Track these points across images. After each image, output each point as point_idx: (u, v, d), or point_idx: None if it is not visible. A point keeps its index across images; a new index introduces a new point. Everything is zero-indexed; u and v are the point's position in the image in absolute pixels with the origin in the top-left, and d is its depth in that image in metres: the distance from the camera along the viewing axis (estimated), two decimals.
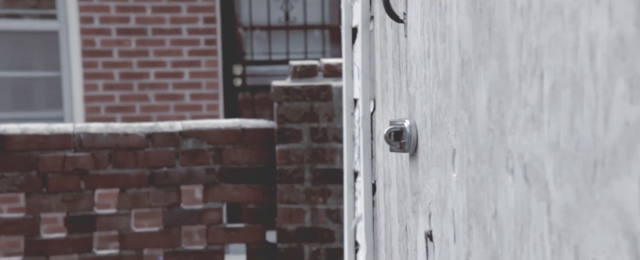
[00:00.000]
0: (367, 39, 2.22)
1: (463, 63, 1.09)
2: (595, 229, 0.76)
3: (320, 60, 4.06)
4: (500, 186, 0.98)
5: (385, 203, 1.96)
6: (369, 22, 2.24)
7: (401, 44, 1.51)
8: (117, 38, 7.28)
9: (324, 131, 3.93)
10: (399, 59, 1.57)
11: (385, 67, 1.87)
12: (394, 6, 1.47)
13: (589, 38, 0.76)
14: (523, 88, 0.91)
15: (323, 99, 3.91)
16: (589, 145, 0.76)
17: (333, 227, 3.95)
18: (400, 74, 1.55)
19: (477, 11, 1.05)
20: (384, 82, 1.88)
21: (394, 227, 1.79)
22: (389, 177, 1.85)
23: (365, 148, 2.23)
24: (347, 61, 2.67)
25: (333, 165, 3.92)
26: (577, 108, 0.78)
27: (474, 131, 1.05)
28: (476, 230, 1.05)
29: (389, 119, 1.72)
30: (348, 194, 2.66)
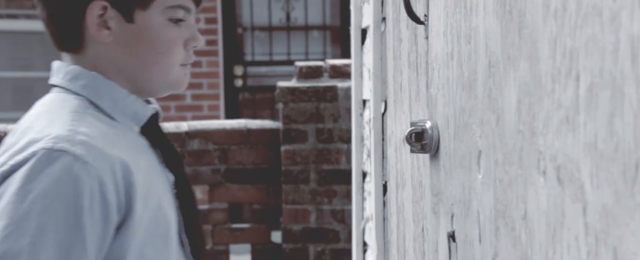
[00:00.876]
0: (379, 40, 2.22)
1: (490, 65, 1.09)
2: (636, 231, 0.75)
3: (325, 61, 4.06)
4: (530, 187, 0.97)
5: (397, 204, 1.96)
6: (381, 23, 2.23)
7: (419, 45, 1.51)
8: None
9: (330, 132, 3.93)
10: (416, 61, 1.56)
11: (399, 68, 1.86)
12: (413, 8, 1.47)
13: (631, 40, 0.76)
14: (556, 90, 0.91)
15: (329, 99, 3.92)
16: (630, 147, 0.76)
17: (338, 227, 3.95)
18: (418, 75, 1.55)
19: (506, 13, 1.04)
20: (398, 83, 1.88)
21: (407, 227, 1.79)
22: (402, 178, 1.85)
23: (376, 149, 2.23)
24: (356, 62, 2.67)
25: (338, 166, 3.92)
26: (617, 110, 0.78)
27: (502, 132, 1.05)
28: (504, 231, 1.05)
29: (405, 120, 1.72)
30: (356, 195, 2.66)
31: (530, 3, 0.97)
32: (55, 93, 1.29)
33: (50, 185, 1.13)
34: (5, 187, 1.15)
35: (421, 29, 1.49)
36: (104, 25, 1.25)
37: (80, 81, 1.26)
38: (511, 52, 1.02)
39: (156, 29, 1.26)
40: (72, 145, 1.15)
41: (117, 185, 1.17)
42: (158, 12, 1.26)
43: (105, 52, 1.26)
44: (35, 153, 1.15)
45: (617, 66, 0.78)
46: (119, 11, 1.25)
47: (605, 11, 0.81)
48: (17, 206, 1.13)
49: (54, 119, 1.20)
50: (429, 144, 1.30)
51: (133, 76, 1.28)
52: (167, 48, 1.26)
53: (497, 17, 1.07)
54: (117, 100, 1.26)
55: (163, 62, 1.27)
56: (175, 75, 1.29)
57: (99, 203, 1.15)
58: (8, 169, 1.16)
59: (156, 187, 1.25)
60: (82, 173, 1.14)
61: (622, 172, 0.77)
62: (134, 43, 1.26)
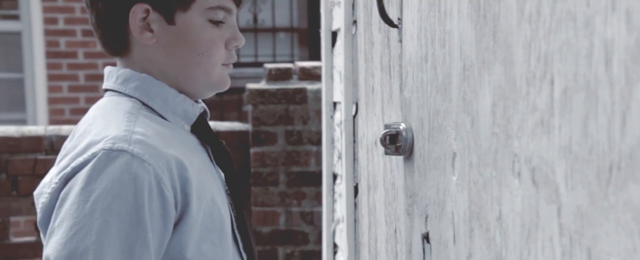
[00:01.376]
0: (350, 43, 2.23)
1: (465, 68, 1.11)
2: (610, 231, 0.77)
3: (295, 63, 4.06)
4: (505, 189, 0.99)
5: (369, 205, 1.97)
6: (352, 26, 2.25)
7: (392, 48, 1.53)
8: (82, 39, 7.21)
9: (299, 134, 3.94)
10: (389, 63, 1.58)
11: (371, 71, 1.88)
12: (387, 11, 1.48)
13: (604, 44, 0.78)
14: (531, 93, 0.92)
15: (298, 102, 3.92)
16: (604, 149, 0.78)
17: (307, 229, 3.96)
18: (391, 78, 1.56)
19: (480, 17, 1.06)
20: (370, 86, 1.89)
21: (379, 229, 1.80)
22: (374, 179, 1.86)
23: (347, 151, 2.24)
24: (327, 64, 2.68)
25: (308, 168, 3.93)
26: (591, 113, 0.80)
27: (477, 135, 1.07)
28: (479, 232, 1.07)
29: (377, 122, 1.73)
30: (327, 197, 2.67)
31: (505, 8, 0.99)
32: (109, 96, 1.32)
33: (112, 184, 1.16)
34: (68, 189, 1.18)
35: (394, 32, 1.50)
36: (146, 28, 1.28)
37: (131, 83, 1.30)
38: (486, 55, 1.04)
39: (197, 30, 1.28)
40: (130, 144, 1.18)
41: (174, 182, 1.20)
42: (198, 14, 1.28)
43: (150, 54, 1.30)
44: (95, 154, 1.18)
45: (591, 70, 0.80)
46: (161, 13, 1.28)
47: (579, 16, 0.83)
48: (81, 206, 1.16)
49: (110, 121, 1.24)
50: (404, 146, 1.31)
51: (176, 78, 1.31)
52: (208, 49, 1.29)
53: (471, 21, 1.09)
54: (167, 100, 1.29)
55: (204, 62, 1.29)
56: (217, 76, 1.32)
57: (158, 200, 1.18)
58: (69, 171, 1.19)
59: (209, 183, 1.27)
60: (140, 171, 1.17)
61: (597, 174, 0.79)
62: (175, 44, 1.29)
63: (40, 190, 1.24)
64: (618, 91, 0.75)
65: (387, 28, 1.58)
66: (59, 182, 1.20)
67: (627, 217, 0.74)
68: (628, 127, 0.74)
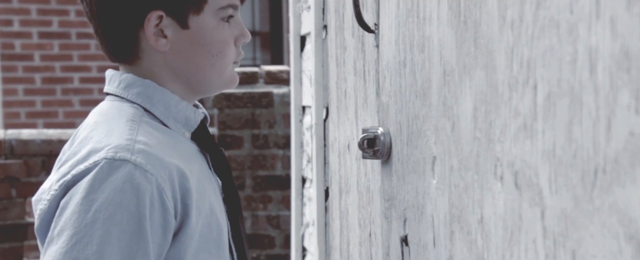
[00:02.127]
0: (320, 47, 2.24)
1: (445, 73, 1.12)
2: (595, 234, 0.79)
3: (261, 67, 4.07)
4: (487, 192, 1.00)
5: (341, 209, 1.98)
6: (322, 30, 2.26)
7: (368, 53, 1.54)
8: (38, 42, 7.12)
9: (266, 138, 3.94)
10: (363, 68, 1.59)
11: (343, 75, 1.89)
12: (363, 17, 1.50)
13: (589, 51, 0.80)
14: (514, 98, 0.94)
15: (264, 105, 3.93)
16: (589, 153, 0.80)
17: (274, 233, 3.96)
18: (365, 82, 1.57)
19: (461, 23, 1.07)
20: (342, 90, 1.91)
21: (352, 232, 1.81)
22: (346, 183, 1.87)
23: (318, 154, 2.25)
24: (296, 69, 2.68)
25: (274, 172, 3.93)
26: (576, 118, 0.82)
27: (458, 139, 1.08)
28: (459, 235, 1.08)
29: (350, 127, 1.74)
30: (296, 200, 2.67)
31: (486, 15, 1.01)
32: (110, 101, 1.31)
33: (113, 194, 1.15)
34: (69, 198, 1.17)
35: (370, 37, 1.51)
36: (160, 34, 1.27)
37: (134, 89, 1.29)
38: (467, 61, 1.06)
39: (211, 32, 1.28)
40: (133, 154, 1.18)
41: (175, 192, 1.20)
42: (211, 15, 1.28)
43: (162, 60, 1.29)
44: (97, 163, 1.17)
45: (575, 76, 0.82)
46: (174, 18, 1.27)
47: (562, 23, 0.85)
48: (82, 216, 1.15)
49: (112, 128, 1.22)
50: (381, 150, 1.33)
51: (188, 80, 1.30)
52: (221, 49, 1.29)
53: (451, 27, 1.10)
54: (169, 107, 1.29)
55: (218, 63, 1.30)
56: (229, 74, 1.33)
57: (159, 210, 1.17)
58: (70, 179, 1.18)
59: (208, 192, 1.27)
60: (142, 181, 1.16)
61: (581, 178, 0.81)
62: (189, 49, 1.28)
63: (38, 196, 1.23)
64: (603, 97, 0.77)
65: (362, 33, 1.60)
66: (59, 189, 1.18)
67: (613, 219, 0.76)
68: (613, 132, 0.75)
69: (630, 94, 0.72)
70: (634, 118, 0.72)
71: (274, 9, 7.60)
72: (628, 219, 0.73)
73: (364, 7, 1.47)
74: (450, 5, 1.10)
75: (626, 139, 0.73)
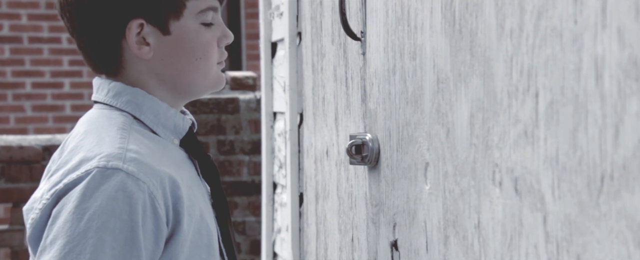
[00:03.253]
0: (295, 54, 2.24)
1: (439, 81, 1.13)
2: (602, 239, 0.80)
3: (226, 72, 4.05)
4: (485, 198, 1.01)
5: (317, 215, 1.98)
6: (296, 37, 2.26)
7: (351, 60, 1.54)
8: None
9: (231, 144, 3.92)
10: (346, 75, 1.59)
11: (320, 82, 1.89)
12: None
13: (594, 60, 0.81)
14: (513, 105, 0.95)
15: (230, 111, 3.91)
16: (595, 160, 0.81)
17: (239, 239, 3.94)
18: (348, 89, 1.57)
19: (455, 32, 1.08)
20: (319, 96, 1.91)
21: (331, 238, 1.81)
22: (324, 189, 1.87)
23: (292, 160, 2.24)
24: (267, 75, 2.68)
25: (240, 178, 3.91)
26: (581, 125, 0.83)
27: (453, 145, 1.09)
28: (454, 240, 1.09)
29: (329, 133, 1.74)
30: (267, 206, 2.66)
31: (483, 24, 1.02)
32: (100, 110, 1.30)
33: (106, 203, 1.14)
34: (61, 207, 1.16)
35: (353, 45, 1.52)
36: (143, 42, 1.26)
37: (123, 97, 1.28)
38: (462, 69, 1.06)
39: (192, 36, 1.27)
40: (124, 162, 1.17)
41: (167, 199, 1.19)
42: (191, 19, 1.27)
43: (146, 67, 1.28)
44: (89, 172, 1.16)
45: (580, 84, 0.83)
46: (155, 25, 1.26)
47: (565, 33, 0.86)
48: (75, 224, 1.14)
49: (103, 137, 1.21)
50: (370, 156, 1.33)
51: (175, 85, 1.29)
52: (204, 52, 1.28)
53: (445, 35, 1.11)
54: (158, 115, 1.28)
55: (202, 66, 1.29)
56: (214, 75, 1.32)
57: (151, 218, 1.17)
58: (62, 188, 1.17)
59: (198, 198, 1.27)
60: (135, 189, 1.15)
61: (587, 184, 0.82)
62: (173, 54, 1.27)
63: (30, 205, 1.22)
64: (610, 105, 0.78)
65: (344, 40, 1.60)
66: (50, 198, 1.17)
67: (621, 225, 0.77)
68: (621, 139, 0.77)
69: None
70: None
71: (232, 15, 7.57)
72: (637, 224, 0.74)
73: (348, 15, 1.47)
74: (444, 15, 1.11)
75: (635, 146, 0.74)
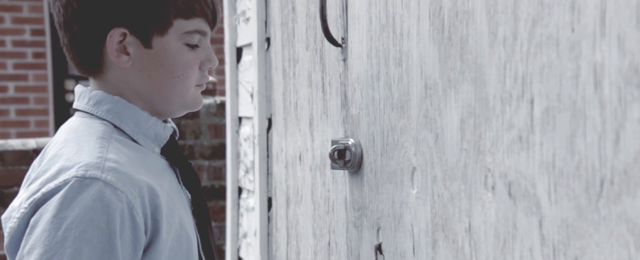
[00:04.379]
0: (264, 59, 2.23)
1: (427, 87, 1.13)
2: (601, 242, 0.81)
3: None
4: (476, 202, 1.02)
5: (288, 219, 1.97)
6: (264, 43, 2.25)
7: (329, 66, 1.54)
8: None
9: (191, 148, 3.88)
10: (322, 81, 1.59)
11: (292, 87, 1.88)
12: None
13: (593, 67, 0.82)
14: (507, 111, 0.96)
15: (190, 116, 3.87)
16: (594, 165, 0.82)
17: None
18: (325, 94, 1.57)
19: (444, 39, 1.09)
20: (291, 102, 1.90)
21: (304, 242, 1.81)
22: (297, 193, 1.86)
23: (261, 165, 2.23)
24: (232, 80, 2.66)
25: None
26: (579, 131, 0.84)
27: (442, 150, 1.10)
28: (444, 243, 1.09)
29: (302, 138, 1.74)
30: (232, 211, 2.65)
31: (474, 31, 1.02)
32: (80, 118, 1.29)
33: (84, 212, 1.14)
34: (39, 216, 1.15)
35: (331, 51, 1.52)
36: (123, 51, 1.25)
37: (104, 106, 1.27)
38: (452, 75, 1.07)
39: (173, 54, 1.26)
40: (103, 172, 1.16)
41: (145, 208, 1.18)
42: (175, 38, 1.26)
43: (125, 76, 1.27)
44: (67, 181, 1.16)
45: (578, 91, 0.84)
46: (138, 37, 1.25)
47: (562, 41, 0.87)
48: (53, 234, 1.13)
49: (82, 146, 1.21)
50: (352, 161, 1.33)
51: (151, 99, 1.28)
52: (183, 72, 1.27)
53: (433, 42, 1.12)
54: (139, 123, 1.27)
55: (179, 85, 1.27)
56: (191, 96, 1.31)
57: (130, 227, 1.16)
58: (40, 197, 1.16)
59: (177, 206, 1.26)
60: (113, 199, 1.15)
61: (585, 188, 0.83)
62: (151, 68, 1.26)
63: (8, 214, 1.20)
64: (610, 111, 0.80)
65: (321, 47, 1.60)
66: (28, 207, 1.16)
67: (621, 228, 0.78)
68: (622, 145, 0.78)
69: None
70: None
71: None
72: (639, 228, 0.76)
73: (328, 22, 1.47)
74: (433, 22, 1.12)
75: (637, 151, 0.76)
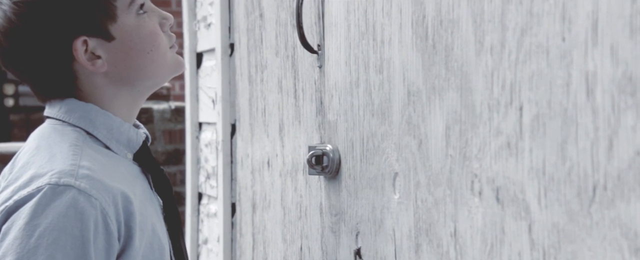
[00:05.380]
0: (227, 65, 2.22)
1: (410, 94, 1.14)
2: (594, 246, 0.83)
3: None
4: (462, 207, 1.03)
5: (254, 225, 1.96)
6: (228, 48, 2.24)
7: (303, 73, 1.54)
8: None
9: None
10: (295, 87, 1.59)
11: (260, 93, 1.88)
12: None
13: (585, 76, 0.83)
14: (495, 118, 0.97)
15: (144, 121, 3.83)
16: (586, 171, 0.83)
17: None
18: (298, 100, 1.57)
19: (428, 47, 1.10)
20: (258, 108, 1.90)
21: (272, 247, 1.80)
22: (264, 199, 1.86)
23: (225, 170, 2.22)
24: (192, 85, 2.64)
25: None
26: (570, 138, 0.85)
27: (426, 156, 1.10)
28: (428, 247, 1.10)
29: (271, 143, 1.73)
30: (192, 217, 2.62)
31: (459, 39, 1.04)
32: (52, 125, 1.26)
33: (57, 219, 1.12)
34: (10, 223, 1.13)
35: (304, 57, 1.52)
36: (93, 57, 1.23)
37: (76, 113, 1.25)
38: (437, 82, 1.08)
39: (135, 31, 1.24)
40: (76, 179, 1.15)
41: (119, 215, 1.17)
42: (125, 15, 1.24)
43: (104, 79, 1.25)
44: (40, 188, 1.14)
45: (569, 98, 0.86)
46: (97, 36, 1.22)
47: (552, 50, 0.88)
48: (25, 241, 1.11)
49: (55, 154, 1.19)
50: (330, 166, 1.33)
51: (136, 84, 1.27)
52: (153, 41, 1.25)
53: (417, 50, 1.13)
54: (112, 130, 1.26)
55: (156, 56, 1.26)
56: (171, 60, 1.29)
57: (103, 234, 1.15)
58: (12, 204, 1.14)
59: (150, 213, 1.25)
60: (87, 206, 1.14)
61: (577, 194, 0.85)
62: (125, 56, 1.24)
63: None
64: (603, 118, 0.81)
65: (292, 53, 1.60)
66: (0, 215, 1.14)
67: (615, 233, 0.79)
68: (616, 151, 0.79)
69: (637, 115, 0.77)
70: None
71: None
72: (634, 232, 0.77)
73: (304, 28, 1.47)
74: (415, 30, 1.13)
75: (632, 157, 0.77)
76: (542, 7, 0.89)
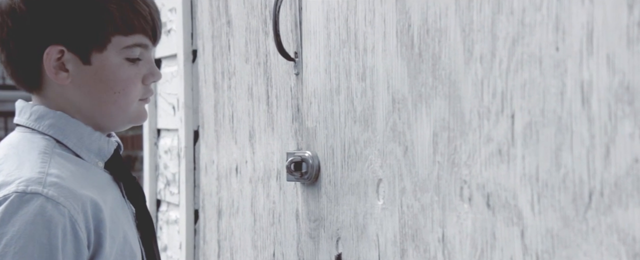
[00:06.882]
0: (190, 71, 2.20)
1: (395, 101, 1.14)
2: (590, 251, 0.84)
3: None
4: (450, 212, 1.03)
5: (220, 231, 1.95)
6: (190, 55, 2.22)
7: (276, 80, 1.53)
8: None
9: None
10: (268, 94, 1.58)
11: (227, 100, 1.87)
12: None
13: (580, 85, 0.85)
14: (485, 125, 0.98)
15: None
16: (581, 177, 0.84)
17: None
18: (271, 107, 1.57)
19: (414, 55, 1.10)
20: (225, 114, 1.88)
21: (240, 254, 1.79)
22: (232, 206, 1.84)
23: (188, 177, 2.20)
24: None
25: None
26: (565, 145, 0.86)
27: (412, 163, 1.11)
28: (414, 252, 1.10)
29: (240, 150, 1.72)
30: None
31: (447, 48, 1.04)
32: (21, 133, 1.24)
33: (25, 227, 1.11)
34: None
35: (278, 64, 1.51)
36: (61, 67, 1.22)
37: (46, 121, 1.23)
38: (423, 90, 1.08)
39: (113, 70, 1.22)
40: (44, 187, 1.14)
41: (88, 222, 1.16)
42: (115, 53, 1.22)
43: (65, 92, 1.23)
44: (7, 196, 1.13)
45: (564, 107, 0.87)
46: (76, 54, 1.22)
47: (545, 59, 0.89)
48: None
49: (23, 161, 1.18)
50: (309, 172, 1.33)
51: (92, 115, 1.25)
52: (124, 87, 1.23)
53: (402, 57, 1.13)
54: (82, 138, 1.24)
55: (121, 100, 1.24)
56: (134, 111, 1.27)
57: (72, 242, 1.14)
58: None
59: (121, 220, 1.23)
60: (55, 213, 1.13)
61: (572, 200, 0.86)
62: (91, 84, 1.23)
63: None
64: (599, 126, 0.82)
65: (264, 60, 1.59)
66: None
67: (612, 238, 0.81)
68: (612, 158, 0.81)
69: (635, 124, 0.78)
70: (638, 146, 0.78)
71: None
72: (631, 237, 0.79)
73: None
74: (400, 39, 1.13)
75: (630, 165, 0.78)
76: (534, 17, 0.90)
